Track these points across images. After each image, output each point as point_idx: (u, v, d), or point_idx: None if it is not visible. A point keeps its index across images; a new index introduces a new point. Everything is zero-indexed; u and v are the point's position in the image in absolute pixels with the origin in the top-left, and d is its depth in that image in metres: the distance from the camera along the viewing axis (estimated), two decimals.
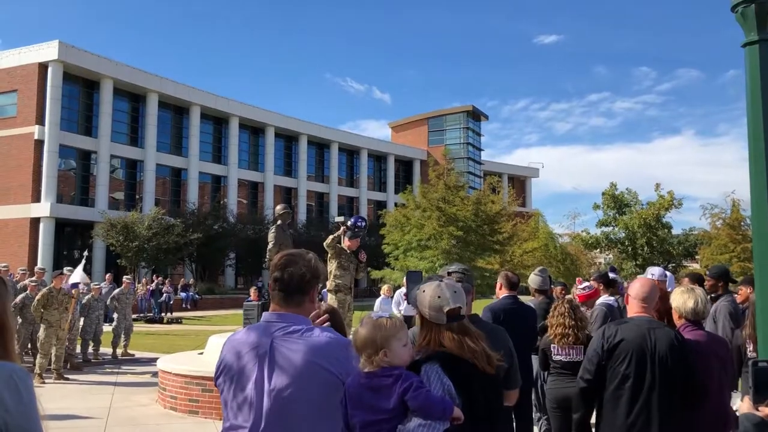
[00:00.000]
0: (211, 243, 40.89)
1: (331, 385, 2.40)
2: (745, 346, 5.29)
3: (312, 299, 2.58)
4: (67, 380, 11.75)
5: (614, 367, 3.75)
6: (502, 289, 6.06)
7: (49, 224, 38.40)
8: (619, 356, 3.74)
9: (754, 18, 3.48)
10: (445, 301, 2.59)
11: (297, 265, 2.53)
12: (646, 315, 3.88)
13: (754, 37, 3.48)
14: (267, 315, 2.58)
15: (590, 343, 4.19)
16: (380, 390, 2.38)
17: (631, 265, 24.66)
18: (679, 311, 4.12)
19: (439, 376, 2.47)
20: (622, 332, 3.79)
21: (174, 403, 9.11)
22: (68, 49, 39.51)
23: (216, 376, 2.60)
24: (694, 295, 4.10)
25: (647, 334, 3.74)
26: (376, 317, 2.52)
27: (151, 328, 24.77)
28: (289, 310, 2.53)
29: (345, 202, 61.96)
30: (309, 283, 2.54)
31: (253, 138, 54.70)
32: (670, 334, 3.77)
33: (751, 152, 3.49)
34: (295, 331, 2.46)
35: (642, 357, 3.70)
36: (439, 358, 2.52)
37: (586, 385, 3.88)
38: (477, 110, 72.88)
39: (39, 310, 11.70)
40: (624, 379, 3.72)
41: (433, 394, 2.38)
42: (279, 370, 2.41)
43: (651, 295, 3.94)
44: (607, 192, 25.20)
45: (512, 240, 32.72)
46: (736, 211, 33.78)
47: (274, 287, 2.57)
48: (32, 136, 38.54)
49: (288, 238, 10.68)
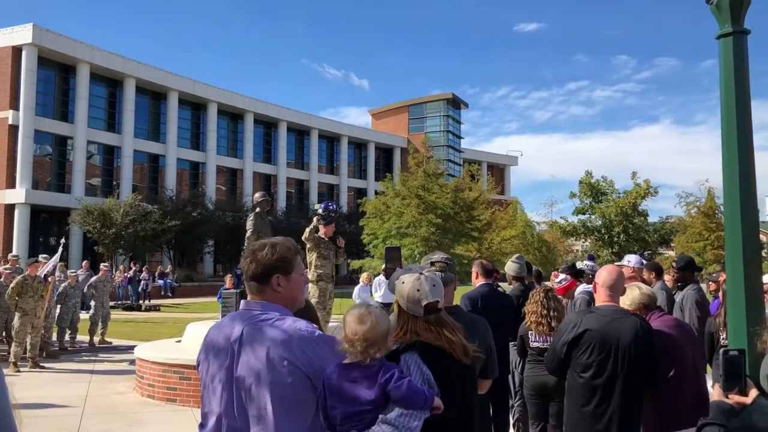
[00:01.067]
0: (190, 230, 40.61)
1: (295, 376, 2.37)
2: (718, 333, 5.38)
3: (279, 284, 2.53)
4: (42, 369, 11.64)
5: (578, 356, 3.79)
6: (478, 278, 6.11)
7: (25, 211, 37.88)
8: (583, 346, 3.77)
9: (729, 10, 3.52)
10: (424, 294, 2.62)
11: (261, 253, 2.53)
12: (613, 304, 3.93)
13: (728, 29, 3.52)
14: (243, 303, 2.60)
15: (557, 332, 4.24)
16: (361, 381, 2.39)
17: (607, 252, 24.94)
18: (633, 305, 4.19)
19: (418, 365, 2.49)
20: (586, 322, 3.83)
21: (151, 391, 9.08)
22: (43, 33, 38.83)
23: (197, 362, 2.63)
24: (635, 287, 4.25)
25: (611, 323, 3.77)
26: (374, 309, 2.52)
27: (129, 315, 24.60)
28: (261, 298, 2.54)
29: (325, 189, 61.79)
30: (272, 270, 2.52)
31: (232, 124, 54.29)
32: (635, 323, 3.80)
33: (725, 143, 3.53)
34: (266, 320, 2.46)
35: (605, 346, 3.73)
36: (417, 347, 2.54)
37: (554, 374, 3.94)
38: (457, 98, 72.98)
39: (14, 298, 11.57)
40: (586, 368, 3.76)
41: (414, 384, 2.40)
42: (245, 358, 2.42)
43: (618, 283, 3.98)
44: (583, 180, 25.41)
45: (490, 227, 32.90)
46: (710, 200, 34.25)
47: (245, 278, 2.58)
48: (6, 121, 37.91)
49: (267, 225, 10.67)
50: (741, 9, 3.53)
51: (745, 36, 3.54)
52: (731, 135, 3.47)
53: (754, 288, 3.27)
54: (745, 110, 3.49)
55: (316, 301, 9.31)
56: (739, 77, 3.49)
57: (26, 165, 38.28)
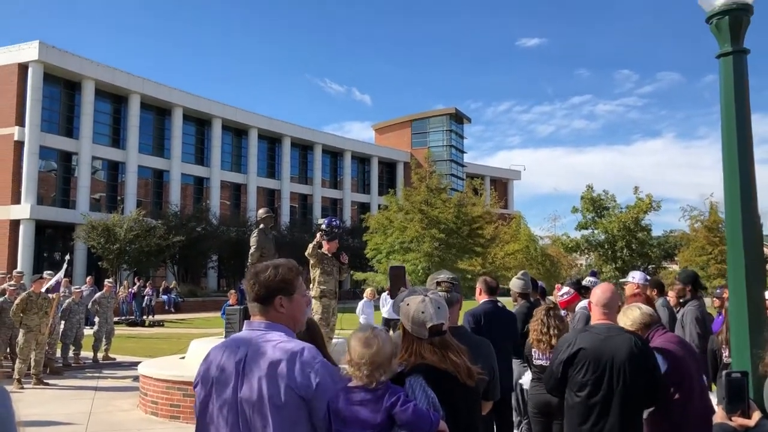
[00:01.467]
0: (194, 245, 40.64)
1: (291, 398, 2.37)
2: (720, 351, 5.37)
3: (281, 305, 2.55)
4: (46, 385, 11.64)
5: (573, 375, 3.79)
6: (481, 294, 6.12)
7: (30, 226, 37.99)
8: (578, 364, 3.77)
9: (728, 30, 3.56)
10: (429, 316, 2.63)
11: (264, 274, 2.56)
12: (608, 321, 3.93)
13: (728, 48, 3.56)
14: (246, 323, 2.61)
15: (554, 351, 4.24)
16: (367, 404, 2.40)
17: (610, 268, 24.86)
18: (634, 326, 4.20)
19: (423, 388, 2.50)
20: (580, 341, 3.83)
21: (155, 408, 9.07)
22: (49, 50, 39.14)
23: (195, 383, 2.62)
24: (635, 308, 4.27)
25: (605, 341, 3.78)
26: (379, 332, 2.53)
27: (133, 331, 24.59)
28: (264, 319, 2.56)
29: (329, 203, 61.89)
30: (278, 289, 2.55)
31: (236, 139, 54.49)
32: (629, 340, 3.80)
33: (725, 160, 3.56)
34: (269, 341, 2.48)
35: (600, 365, 3.73)
36: (422, 370, 2.55)
37: (552, 394, 3.94)
38: (460, 113, 73.20)
39: (18, 315, 11.58)
40: (582, 387, 3.76)
41: (420, 408, 2.40)
42: (249, 379, 2.43)
43: (611, 301, 3.99)
44: (585, 195, 25.39)
45: (494, 242, 32.86)
46: (713, 214, 34.17)
47: (248, 299, 2.61)
48: (12, 137, 38.12)
49: (270, 242, 10.68)
50: (740, 29, 3.57)
51: (745, 55, 3.58)
52: (732, 152, 3.49)
53: (757, 305, 3.28)
54: (746, 127, 3.52)
55: (320, 317, 9.30)
56: (740, 95, 3.53)
57: (31, 181, 38.44)
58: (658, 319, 4.45)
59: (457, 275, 13.33)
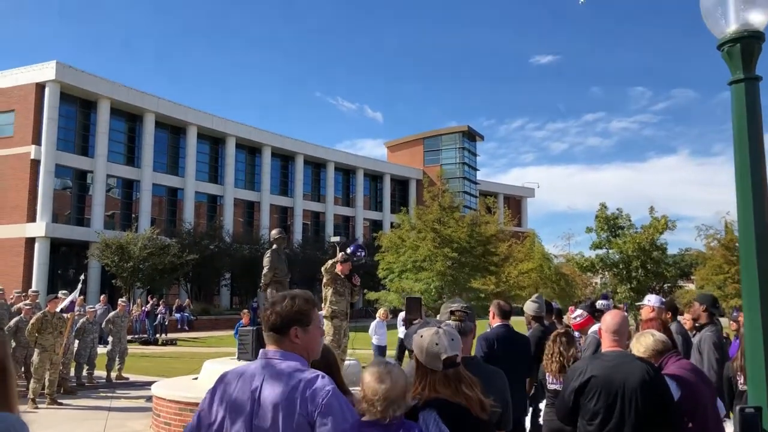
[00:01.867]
0: (207, 263, 40.78)
1: (303, 428, 2.40)
2: (735, 378, 5.31)
3: (296, 336, 2.58)
4: (60, 405, 11.69)
5: (585, 403, 3.76)
6: (495, 318, 6.13)
7: (45, 244, 38.31)
8: (589, 393, 3.75)
9: (740, 57, 3.56)
10: (443, 348, 2.63)
11: (280, 305, 2.60)
12: (618, 348, 3.92)
13: (740, 75, 3.56)
14: (262, 352, 2.64)
15: (565, 379, 4.21)
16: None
17: (625, 288, 24.63)
18: (647, 353, 4.17)
19: (437, 423, 2.51)
20: (591, 369, 3.81)
21: (168, 429, 9.08)
22: (65, 69, 39.68)
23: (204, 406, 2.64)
24: (648, 334, 4.24)
25: (616, 368, 3.76)
26: (392, 367, 2.54)
27: (146, 350, 24.66)
28: (280, 348, 2.59)
29: (341, 221, 62.02)
30: (293, 320, 2.58)
31: (250, 158, 54.83)
32: (641, 368, 3.78)
33: (738, 188, 3.55)
34: (284, 370, 2.51)
35: (611, 393, 3.71)
36: (436, 405, 2.56)
37: (563, 423, 3.91)
38: (472, 130, 73.32)
39: (33, 335, 11.67)
40: (594, 415, 3.73)
41: None
42: (262, 408, 2.46)
43: (622, 328, 3.98)
44: (599, 214, 25.27)
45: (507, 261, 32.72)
46: (730, 232, 33.84)
47: (263, 329, 2.65)
48: (29, 155, 38.56)
49: (283, 262, 10.73)
50: (752, 56, 3.58)
51: (757, 82, 3.58)
52: (745, 178, 3.49)
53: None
54: (759, 154, 3.52)
55: (330, 338, 9.31)
56: (752, 122, 3.53)
57: (47, 199, 38.82)
58: (672, 345, 4.42)
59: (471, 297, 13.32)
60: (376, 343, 15.89)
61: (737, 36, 3.52)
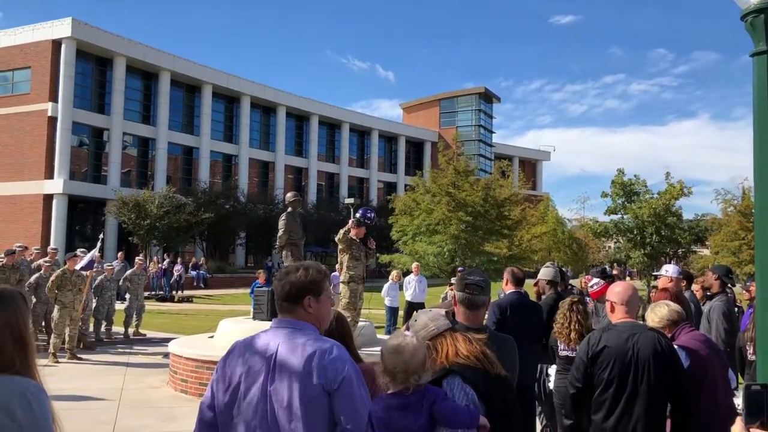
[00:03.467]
0: (222, 222, 41.08)
1: (321, 396, 2.45)
2: (746, 348, 5.35)
3: (310, 305, 2.64)
4: (80, 360, 11.96)
5: (598, 374, 3.82)
6: (508, 285, 6.18)
7: (62, 201, 38.73)
8: (603, 363, 3.80)
9: (764, 28, 3.49)
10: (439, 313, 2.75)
11: (294, 275, 2.65)
12: (630, 320, 3.95)
13: (763, 47, 3.48)
14: (275, 321, 2.69)
15: (578, 350, 4.26)
16: (409, 408, 2.47)
17: (639, 253, 24.61)
18: (662, 323, 4.21)
19: (461, 386, 2.58)
20: (605, 339, 3.86)
21: (185, 386, 9.30)
22: (81, 27, 39.55)
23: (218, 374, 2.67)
24: (663, 305, 4.26)
25: (629, 339, 3.81)
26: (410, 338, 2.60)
27: (162, 306, 25.06)
28: (294, 317, 2.64)
29: (355, 182, 62.02)
30: (307, 290, 2.63)
31: (264, 117, 54.72)
32: (653, 338, 3.82)
33: (757, 161, 3.53)
34: (298, 339, 2.56)
35: (624, 363, 3.76)
36: (457, 370, 2.63)
37: (575, 392, 3.97)
38: (489, 92, 72.55)
39: (53, 291, 11.89)
40: (608, 385, 3.79)
41: (459, 405, 2.49)
42: (278, 375, 2.51)
43: (633, 299, 4.01)
44: (615, 180, 25.08)
45: (520, 225, 32.67)
46: (747, 198, 33.53)
47: (275, 298, 2.69)
48: (45, 112, 38.76)
49: (298, 225, 10.82)
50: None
51: None
52: (765, 150, 3.46)
53: None
54: None
55: (347, 301, 9.44)
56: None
57: (64, 156, 39.10)
58: (686, 316, 4.46)
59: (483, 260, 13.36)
60: (388, 304, 16.06)
61: (762, 6, 3.44)
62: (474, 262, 24.46)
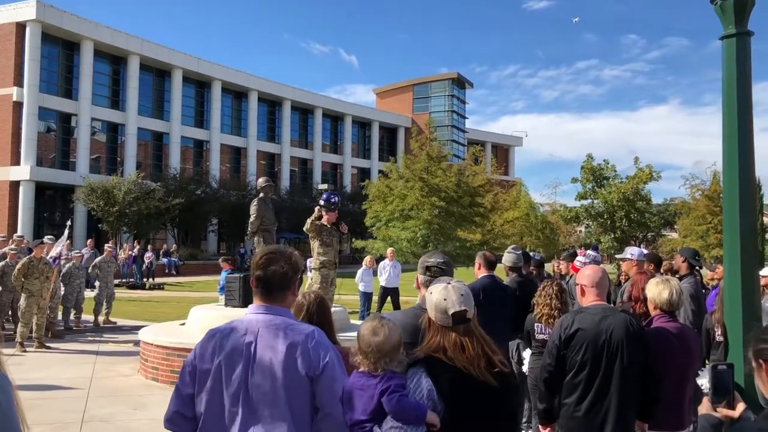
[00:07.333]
0: (194, 208, 40.63)
1: (303, 381, 2.46)
2: (713, 330, 5.42)
3: (293, 292, 2.72)
4: (48, 349, 11.77)
5: (572, 356, 3.84)
6: (480, 269, 6.18)
7: (29, 187, 37.99)
8: (576, 345, 3.82)
9: (732, 12, 3.54)
10: (451, 303, 2.61)
11: (278, 263, 2.65)
12: (601, 302, 3.98)
13: (732, 30, 3.54)
14: (253, 307, 2.67)
15: (551, 333, 4.28)
16: (366, 390, 2.46)
17: (609, 238, 24.90)
18: (654, 302, 4.24)
19: (420, 379, 2.50)
20: (578, 321, 3.88)
21: (156, 374, 9.20)
22: (47, 9, 38.65)
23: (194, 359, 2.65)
24: (669, 286, 4.23)
25: (602, 321, 3.83)
26: (387, 321, 2.61)
27: (133, 294, 24.77)
28: (271, 303, 2.64)
29: (329, 168, 61.79)
30: (291, 279, 2.68)
31: (236, 102, 54.16)
32: (625, 319, 3.86)
33: (725, 145, 3.57)
34: (279, 324, 2.55)
35: (597, 345, 3.79)
36: (425, 362, 2.55)
37: (548, 375, 3.98)
38: (462, 77, 72.66)
39: (20, 280, 11.67)
40: (581, 367, 3.81)
41: (407, 399, 2.43)
42: (259, 362, 2.50)
43: (603, 281, 4.04)
44: (584, 165, 25.32)
45: (493, 210, 32.87)
46: (715, 183, 34.10)
47: (257, 285, 2.66)
48: (10, 98, 37.88)
49: (270, 211, 10.74)
50: (745, 11, 3.56)
51: (749, 37, 3.57)
52: (732, 133, 3.51)
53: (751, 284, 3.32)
54: (747, 109, 3.53)
55: (318, 287, 9.39)
56: (742, 77, 3.53)
57: (30, 142, 38.31)
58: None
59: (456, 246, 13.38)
60: (362, 289, 16.05)
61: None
62: (447, 247, 24.54)
